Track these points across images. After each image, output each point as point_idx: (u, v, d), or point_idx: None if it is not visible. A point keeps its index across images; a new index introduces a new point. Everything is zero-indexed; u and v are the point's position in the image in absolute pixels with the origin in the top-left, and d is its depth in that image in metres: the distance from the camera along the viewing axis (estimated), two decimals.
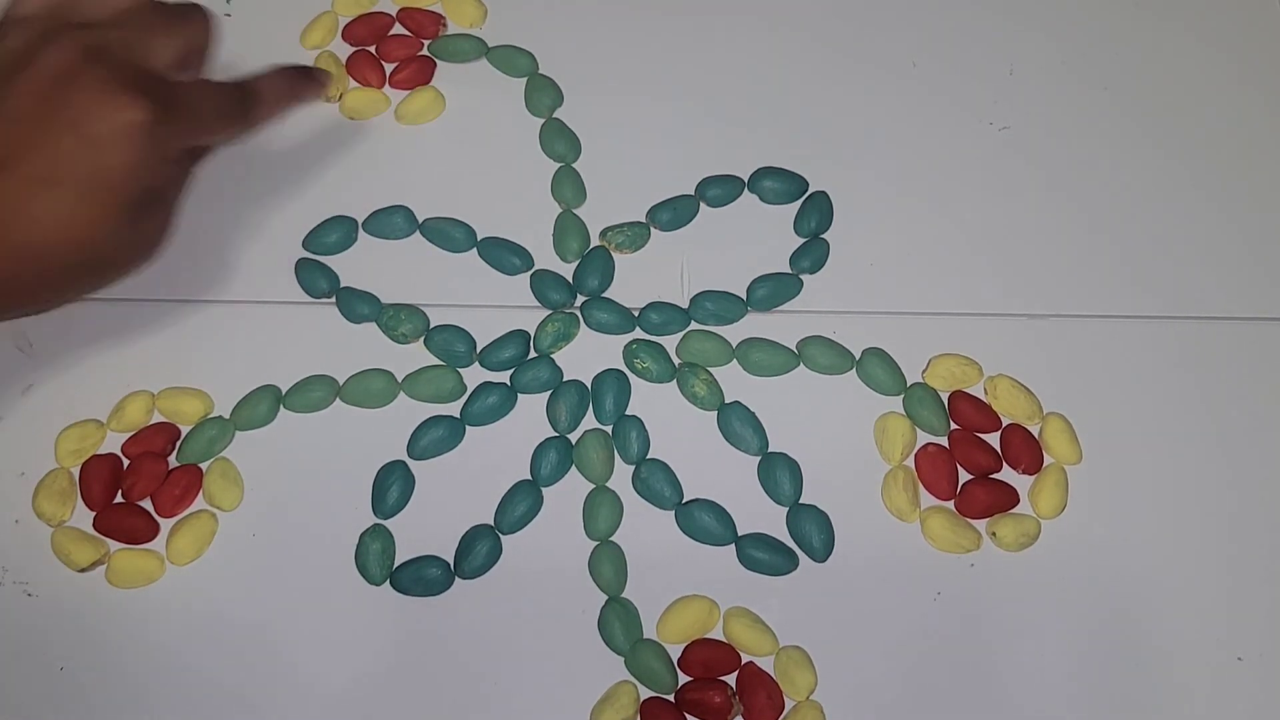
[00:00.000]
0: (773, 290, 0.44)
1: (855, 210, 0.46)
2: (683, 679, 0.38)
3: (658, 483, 0.41)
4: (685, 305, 0.44)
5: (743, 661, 0.38)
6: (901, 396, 0.43)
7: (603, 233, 0.46)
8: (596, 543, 0.40)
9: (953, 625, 0.39)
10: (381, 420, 0.42)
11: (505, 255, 0.45)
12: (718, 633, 0.39)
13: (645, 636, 0.38)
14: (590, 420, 0.42)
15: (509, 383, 0.42)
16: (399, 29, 0.50)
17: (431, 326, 0.43)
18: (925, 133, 0.48)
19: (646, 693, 0.38)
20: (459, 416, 0.42)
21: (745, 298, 0.44)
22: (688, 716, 0.37)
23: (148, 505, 0.40)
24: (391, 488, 0.40)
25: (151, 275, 0.43)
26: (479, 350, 0.43)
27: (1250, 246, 0.46)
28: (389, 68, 0.49)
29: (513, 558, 0.40)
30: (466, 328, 0.43)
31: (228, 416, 0.42)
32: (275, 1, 0.50)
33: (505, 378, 0.43)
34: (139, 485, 0.40)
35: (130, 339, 0.43)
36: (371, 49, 0.49)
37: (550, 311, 0.44)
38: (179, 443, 0.41)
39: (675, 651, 0.38)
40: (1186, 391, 0.43)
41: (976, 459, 0.42)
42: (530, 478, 0.41)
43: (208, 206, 0.45)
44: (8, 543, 0.39)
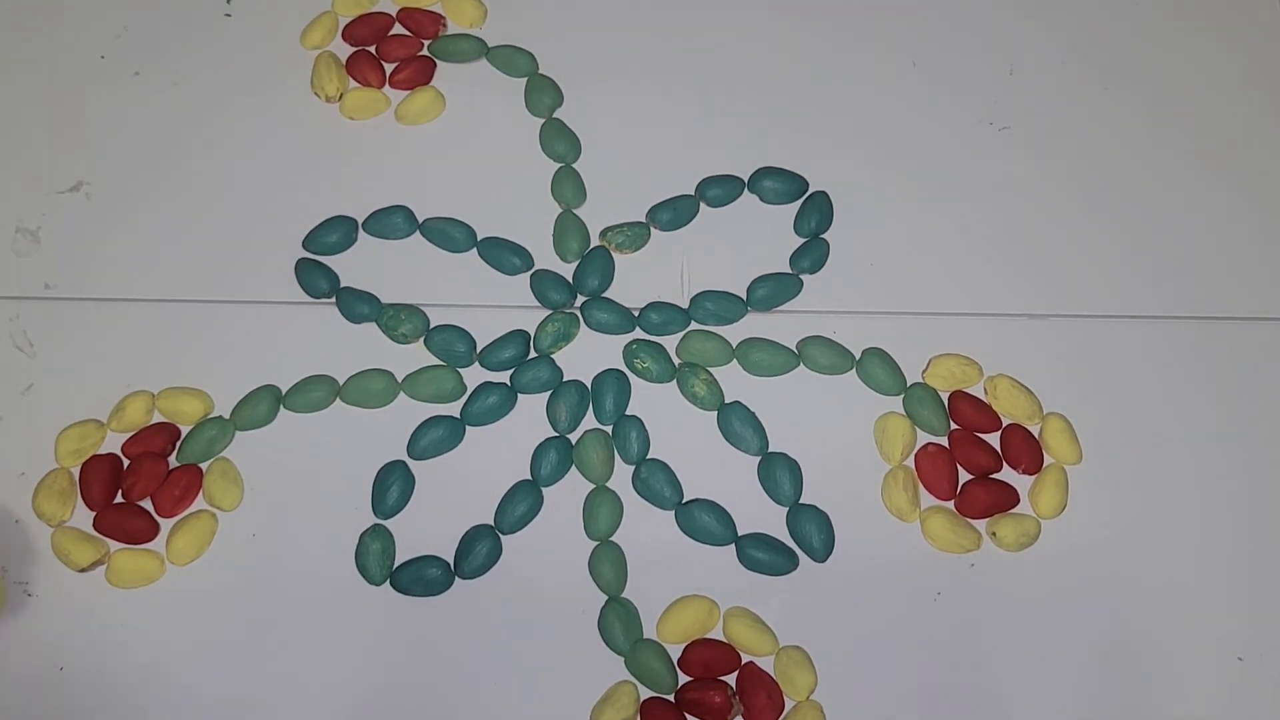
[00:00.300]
0: (773, 290, 0.44)
1: (855, 210, 0.46)
2: (683, 679, 0.38)
3: (658, 483, 0.41)
4: (685, 305, 0.44)
5: (743, 661, 0.38)
6: (901, 396, 0.43)
7: (603, 233, 0.46)
8: (596, 543, 0.40)
9: (953, 625, 0.39)
10: (381, 420, 0.42)
11: (505, 255, 0.45)
12: (718, 633, 0.39)
13: (645, 636, 0.38)
14: (590, 420, 0.42)
15: (509, 383, 0.42)
16: (399, 29, 0.50)
17: (431, 326, 0.43)
18: (925, 133, 0.48)
19: (646, 693, 0.38)
20: (459, 416, 0.42)
21: (745, 298, 0.44)
22: (688, 716, 0.37)
23: (148, 505, 0.40)
24: (391, 488, 0.40)
25: (152, 275, 0.43)
26: (479, 350, 0.43)
27: (1251, 246, 0.46)
28: (389, 68, 0.49)
29: (513, 558, 0.40)
30: (466, 328, 0.43)
31: (228, 416, 0.41)
32: (275, 1, 0.50)
33: (505, 378, 0.43)
34: (139, 485, 0.40)
35: (130, 339, 0.43)
36: (371, 49, 0.49)
37: (550, 311, 0.44)
38: (179, 443, 0.41)
39: (675, 651, 0.38)
40: (1186, 391, 0.43)
41: (976, 459, 0.42)
42: (530, 478, 0.41)
43: (208, 206, 0.45)
44: (8, 543, 0.39)
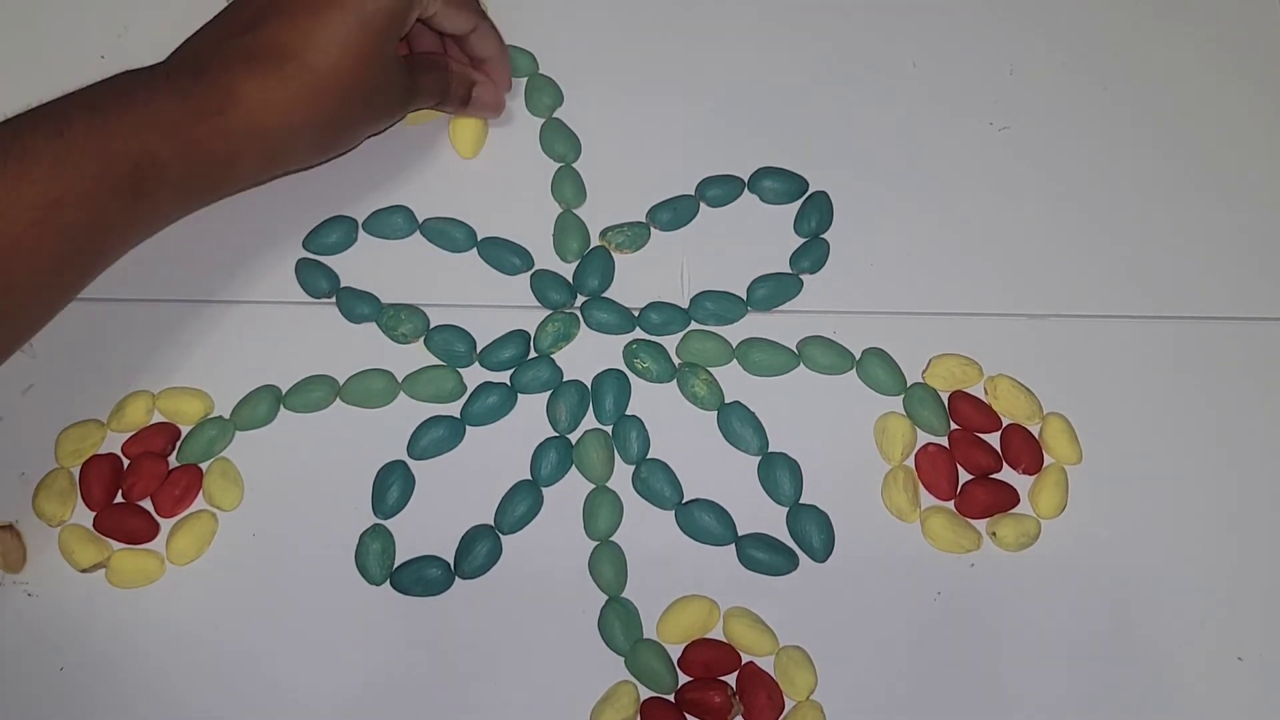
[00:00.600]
0: (773, 290, 0.44)
1: (855, 210, 0.46)
2: (683, 679, 0.38)
3: (658, 483, 0.41)
4: (685, 305, 0.44)
5: (743, 661, 0.38)
6: (901, 396, 0.43)
7: (603, 233, 0.46)
8: (596, 543, 0.40)
9: (953, 625, 0.39)
10: (381, 420, 0.42)
11: (505, 255, 0.45)
12: (718, 633, 0.39)
13: (645, 636, 0.38)
14: (590, 420, 0.42)
15: (509, 383, 0.42)
16: None
17: (431, 326, 0.43)
18: (925, 133, 0.48)
19: (646, 693, 0.38)
20: (459, 416, 0.42)
21: (745, 298, 0.44)
22: (688, 716, 0.37)
23: (148, 505, 0.40)
24: (391, 488, 0.40)
25: (152, 275, 0.43)
26: (479, 350, 0.43)
27: (1250, 246, 0.46)
28: None
29: (513, 558, 0.40)
30: (466, 328, 0.43)
31: (228, 416, 0.41)
32: None
33: (505, 378, 0.43)
34: (139, 485, 0.40)
35: (130, 339, 0.43)
36: None
37: (550, 311, 0.44)
38: (179, 443, 0.41)
39: (675, 651, 0.38)
40: (1186, 391, 0.43)
41: (976, 459, 0.42)
42: (530, 478, 0.41)
43: (208, 206, 0.45)
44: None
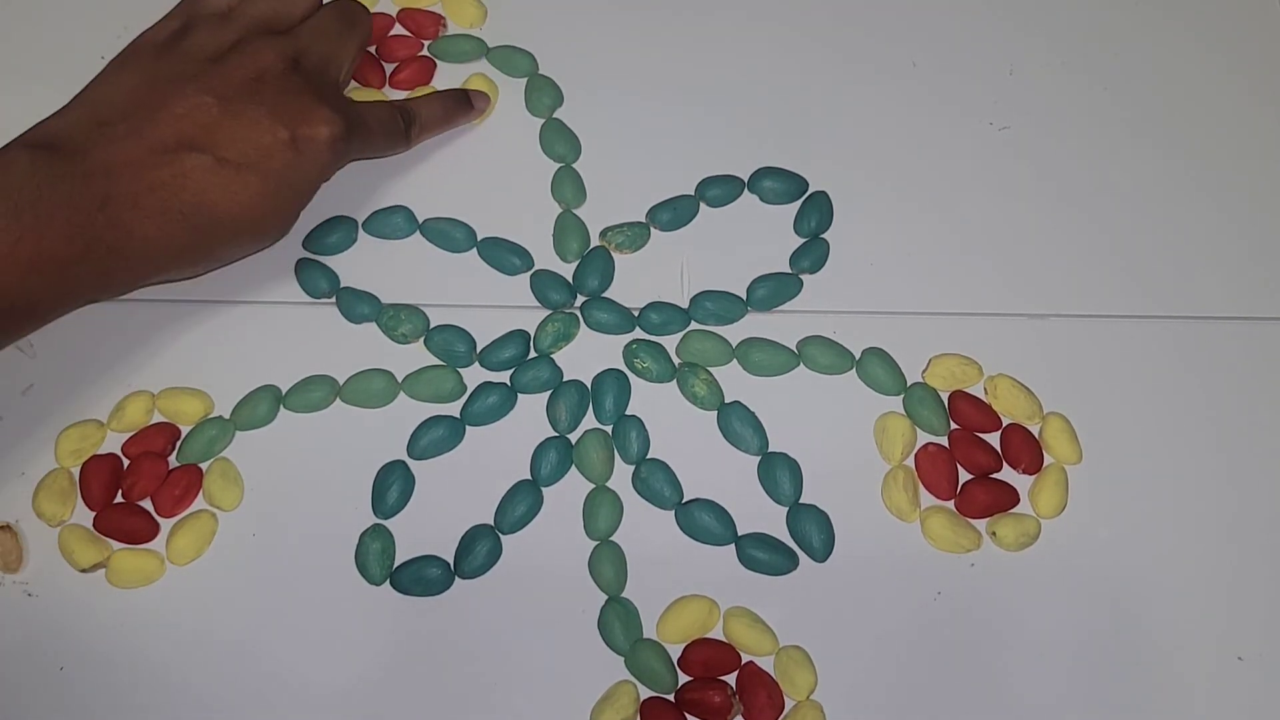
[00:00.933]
0: (773, 290, 0.44)
1: (855, 210, 0.46)
2: (683, 679, 0.38)
3: (658, 483, 0.41)
4: (685, 305, 0.44)
5: (743, 661, 0.38)
6: (901, 396, 0.43)
7: (603, 233, 0.46)
8: (596, 543, 0.40)
9: (953, 625, 0.39)
10: (381, 420, 0.42)
11: (505, 255, 0.45)
12: (718, 633, 0.39)
13: (645, 636, 0.38)
14: (590, 420, 0.42)
15: (509, 383, 0.42)
16: (399, 29, 0.50)
17: (431, 326, 0.43)
18: (925, 133, 0.48)
19: (646, 692, 0.38)
20: (459, 416, 0.42)
21: (745, 298, 0.44)
22: (688, 716, 0.37)
23: (148, 505, 0.40)
24: (391, 488, 0.40)
25: None
26: (479, 350, 0.43)
27: (1250, 246, 0.46)
28: (389, 68, 0.49)
29: (513, 558, 0.40)
30: (466, 328, 0.43)
31: (228, 416, 0.41)
32: None
33: (505, 378, 0.43)
34: (139, 485, 0.40)
35: (130, 339, 0.43)
36: (371, 49, 0.49)
37: (550, 311, 0.44)
38: (179, 443, 0.41)
39: (675, 651, 0.38)
40: (1186, 391, 0.43)
41: (976, 459, 0.42)
42: (530, 478, 0.41)
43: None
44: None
